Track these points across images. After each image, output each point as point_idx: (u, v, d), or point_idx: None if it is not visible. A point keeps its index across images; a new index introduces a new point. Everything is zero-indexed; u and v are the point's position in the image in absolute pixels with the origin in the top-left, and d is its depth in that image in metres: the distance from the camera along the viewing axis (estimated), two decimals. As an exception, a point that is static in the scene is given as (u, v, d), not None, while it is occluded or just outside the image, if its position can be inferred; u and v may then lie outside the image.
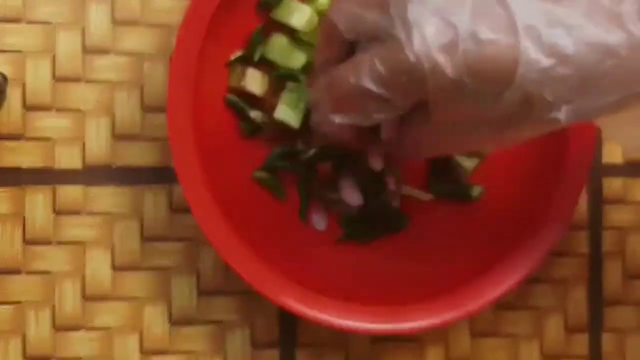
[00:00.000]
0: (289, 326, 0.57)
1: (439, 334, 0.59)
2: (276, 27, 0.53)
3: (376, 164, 0.50)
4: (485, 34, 0.37)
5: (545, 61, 0.38)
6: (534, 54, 0.37)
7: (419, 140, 0.45)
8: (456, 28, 0.38)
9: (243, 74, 0.52)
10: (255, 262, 0.50)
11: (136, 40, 0.55)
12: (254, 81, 0.52)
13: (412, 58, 0.38)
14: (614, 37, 0.38)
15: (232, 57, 0.53)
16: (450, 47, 0.38)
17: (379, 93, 0.40)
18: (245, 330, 0.56)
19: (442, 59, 0.38)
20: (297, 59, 0.53)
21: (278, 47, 0.53)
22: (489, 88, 0.39)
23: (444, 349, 0.59)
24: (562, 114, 0.39)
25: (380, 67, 0.40)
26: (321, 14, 0.53)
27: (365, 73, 0.40)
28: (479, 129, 0.42)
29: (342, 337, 0.57)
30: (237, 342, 0.56)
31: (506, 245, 0.53)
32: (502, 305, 0.58)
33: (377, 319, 0.51)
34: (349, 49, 0.44)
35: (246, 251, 0.50)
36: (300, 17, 0.52)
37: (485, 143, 0.43)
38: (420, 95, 0.40)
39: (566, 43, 0.38)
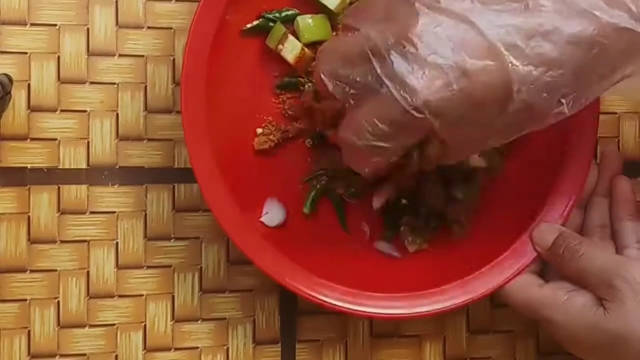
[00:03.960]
0: (290, 322, 0.55)
1: (437, 330, 0.57)
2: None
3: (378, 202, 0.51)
4: (473, 65, 0.37)
5: (536, 71, 0.37)
6: (523, 68, 0.37)
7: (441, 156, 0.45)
8: (443, 69, 0.37)
9: (284, 39, 0.51)
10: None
11: (140, 42, 0.53)
12: (292, 50, 0.51)
13: (410, 110, 0.38)
14: (589, 28, 0.37)
15: (249, 25, 0.51)
16: (444, 90, 0.37)
17: (386, 145, 0.40)
18: (248, 326, 0.55)
19: (439, 103, 0.37)
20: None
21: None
22: (491, 110, 0.38)
23: (442, 346, 0.57)
24: (565, 107, 0.39)
25: (381, 125, 0.39)
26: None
27: (366, 133, 0.40)
28: (490, 138, 0.41)
29: (342, 333, 0.56)
30: (240, 338, 0.55)
31: (508, 240, 0.52)
32: (499, 302, 0.57)
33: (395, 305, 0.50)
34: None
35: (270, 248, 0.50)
36: None
37: (498, 142, 0.43)
38: (425, 131, 0.40)
39: (549, 48, 0.37)
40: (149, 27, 0.53)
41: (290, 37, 0.51)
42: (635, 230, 0.51)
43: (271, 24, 0.51)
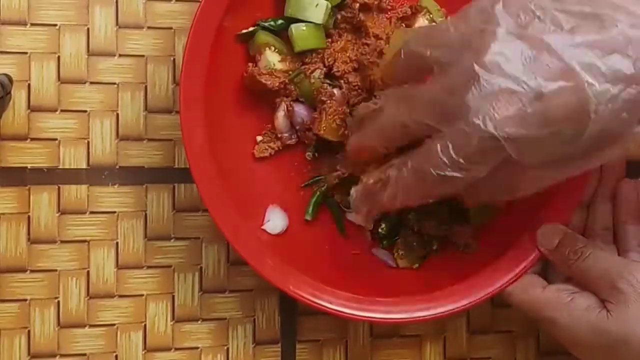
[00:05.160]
0: (290, 323, 0.55)
1: (437, 330, 0.56)
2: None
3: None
4: (546, 87, 0.36)
5: (613, 89, 0.36)
6: (600, 87, 0.36)
7: (512, 185, 0.43)
8: (518, 93, 0.36)
9: (263, 50, 0.50)
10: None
11: (140, 42, 0.53)
12: (265, 65, 0.50)
13: (485, 139, 0.37)
14: None
15: (244, 31, 0.50)
16: (519, 114, 0.36)
17: (460, 176, 0.39)
18: (248, 326, 0.54)
19: (515, 127, 0.37)
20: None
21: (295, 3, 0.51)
22: (569, 132, 0.37)
23: (442, 346, 0.56)
24: None
25: (456, 157, 0.38)
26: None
27: (442, 164, 0.39)
28: (568, 163, 0.40)
29: (342, 333, 0.55)
30: (240, 338, 0.54)
31: (509, 242, 0.51)
32: (499, 303, 0.56)
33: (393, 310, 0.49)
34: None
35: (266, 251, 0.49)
36: (317, 11, 0.50)
37: (579, 169, 0.41)
38: (502, 157, 0.39)
39: (625, 65, 0.36)
40: (149, 27, 0.53)
41: (268, 51, 0.50)
42: (637, 234, 0.51)
43: (264, 31, 0.50)
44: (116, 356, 0.53)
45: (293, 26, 0.50)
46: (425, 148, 0.40)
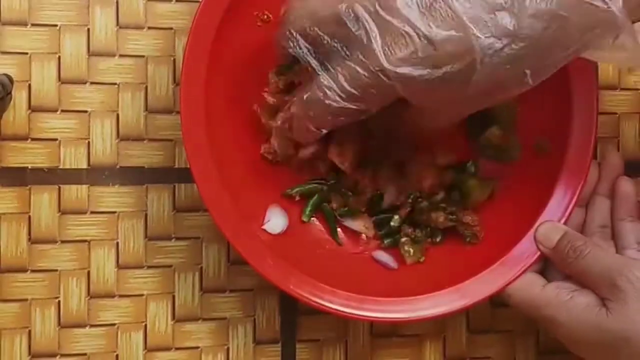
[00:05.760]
0: (290, 322, 0.55)
1: (437, 330, 0.56)
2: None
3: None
4: (438, 34, 0.38)
5: (498, 43, 0.38)
6: (485, 40, 0.38)
7: (416, 118, 0.47)
8: (411, 37, 0.39)
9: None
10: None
11: (140, 43, 0.53)
12: None
13: (378, 75, 0.39)
14: (551, 1, 0.38)
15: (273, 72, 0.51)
16: (410, 57, 0.39)
17: (355, 107, 0.41)
18: (248, 326, 0.54)
19: (405, 69, 0.39)
20: None
21: None
22: (456, 78, 0.39)
23: (442, 345, 0.57)
24: (528, 78, 0.40)
25: (349, 88, 0.41)
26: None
27: (335, 95, 0.41)
28: (462, 105, 0.43)
29: (342, 332, 0.55)
30: (240, 338, 0.54)
31: (509, 241, 0.51)
32: (498, 302, 0.56)
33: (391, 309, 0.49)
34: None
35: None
36: None
37: (467, 110, 0.45)
38: (395, 96, 0.41)
39: (511, 21, 0.38)
40: (149, 28, 0.53)
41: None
42: (635, 231, 0.51)
43: None
44: (117, 356, 0.53)
45: None
46: (315, 80, 0.42)
